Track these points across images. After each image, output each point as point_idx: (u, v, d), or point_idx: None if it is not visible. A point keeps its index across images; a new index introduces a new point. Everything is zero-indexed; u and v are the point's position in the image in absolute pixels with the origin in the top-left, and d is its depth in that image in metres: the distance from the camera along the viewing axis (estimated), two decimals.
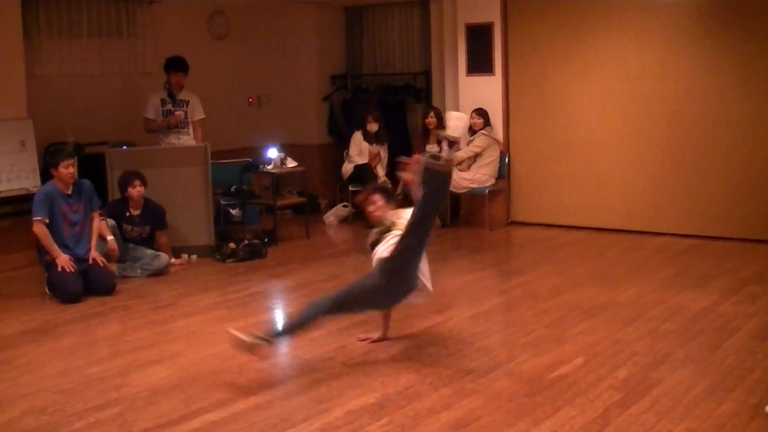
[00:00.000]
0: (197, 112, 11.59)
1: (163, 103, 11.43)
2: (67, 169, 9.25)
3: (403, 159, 7.65)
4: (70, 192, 9.34)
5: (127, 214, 10.19)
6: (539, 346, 7.12)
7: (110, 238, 9.76)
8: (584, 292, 8.83)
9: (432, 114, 12.71)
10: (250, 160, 12.32)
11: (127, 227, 10.18)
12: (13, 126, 10.63)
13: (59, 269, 9.04)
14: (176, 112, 11.39)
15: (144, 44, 12.71)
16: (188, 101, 11.52)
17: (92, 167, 10.86)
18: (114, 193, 10.46)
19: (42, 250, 9.27)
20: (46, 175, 10.68)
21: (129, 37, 12.58)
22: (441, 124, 12.66)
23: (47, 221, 9.13)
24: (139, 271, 10.03)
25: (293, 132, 14.41)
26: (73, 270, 9.07)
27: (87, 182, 9.61)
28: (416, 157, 12.30)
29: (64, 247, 9.21)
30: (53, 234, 9.19)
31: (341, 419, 5.69)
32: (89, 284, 9.20)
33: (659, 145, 11.39)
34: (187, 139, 11.48)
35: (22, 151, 10.65)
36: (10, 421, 5.88)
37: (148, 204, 10.28)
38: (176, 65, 11.42)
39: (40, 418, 5.91)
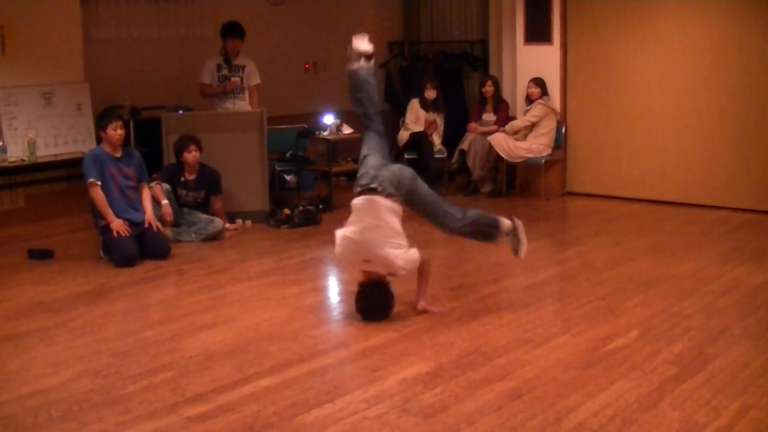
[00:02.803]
0: (253, 78, 11.59)
1: (219, 68, 11.44)
2: (116, 131, 9.30)
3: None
4: (119, 155, 9.38)
5: (183, 178, 10.22)
6: (594, 318, 7.07)
7: (165, 202, 9.81)
8: (640, 264, 8.75)
9: (489, 83, 12.65)
10: (306, 126, 12.32)
11: (182, 192, 10.21)
12: (70, 89, 10.67)
13: (114, 233, 9.09)
14: (232, 79, 11.41)
15: (201, 9, 12.71)
16: (244, 66, 11.52)
17: (148, 131, 10.93)
18: (169, 158, 10.49)
19: (97, 214, 9.32)
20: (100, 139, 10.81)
21: (186, 1, 12.59)
22: (498, 93, 12.61)
23: (100, 183, 9.18)
24: (193, 235, 10.07)
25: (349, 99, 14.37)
26: (127, 234, 9.12)
27: (137, 153, 9.70)
28: (472, 125, 12.40)
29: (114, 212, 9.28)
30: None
31: (395, 387, 5.68)
32: (144, 248, 9.25)
33: (718, 117, 11.23)
34: (242, 104, 11.50)
35: (79, 114, 10.69)
36: (66, 383, 5.93)
37: (203, 169, 10.30)
38: (232, 31, 11.41)
39: (94, 381, 5.95)
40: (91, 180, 9.17)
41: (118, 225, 9.11)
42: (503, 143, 12.10)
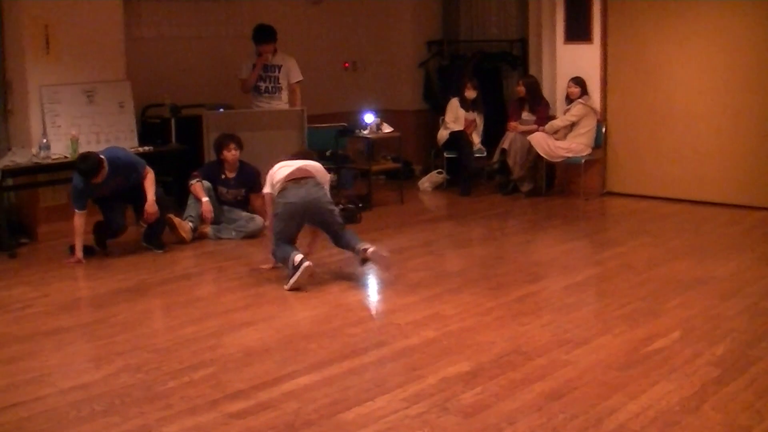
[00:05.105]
0: (294, 75, 11.55)
1: (254, 67, 11.41)
2: (98, 177, 9.08)
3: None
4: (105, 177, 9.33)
5: (223, 176, 10.25)
6: (635, 319, 7.03)
7: (205, 199, 9.85)
8: (681, 265, 8.69)
9: (521, 83, 12.64)
10: (346, 124, 12.32)
11: (223, 189, 10.24)
12: (112, 87, 10.72)
13: (69, 262, 9.18)
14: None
15: (241, 7, 12.72)
16: (281, 66, 11.49)
17: (189, 129, 10.97)
18: (210, 155, 10.52)
19: (135, 209, 9.47)
20: (144, 137, 10.85)
21: (227, 0, 12.62)
22: (538, 92, 12.57)
23: (85, 212, 9.23)
24: (233, 233, 10.10)
25: (389, 98, 14.37)
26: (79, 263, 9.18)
27: (121, 153, 9.53)
28: (512, 124, 12.37)
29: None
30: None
31: (434, 387, 5.68)
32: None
33: (759, 117, 11.12)
34: (278, 103, 11.49)
35: (121, 112, 10.74)
36: (107, 378, 5.97)
37: (243, 167, 10.32)
38: (261, 37, 11.32)
39: (135, 376, 5.99)
40: (77, 212, 9.17)
41: (76, 260, 9.17)
42: (543, 142, 12.06)
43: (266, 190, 8.53)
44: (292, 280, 7.99)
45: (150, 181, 9.47)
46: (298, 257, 8.02)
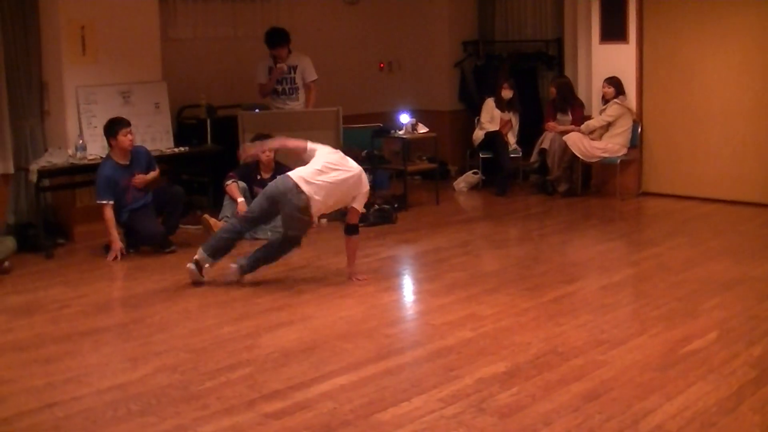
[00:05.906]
0: (309, 74, 11.49)
1: (270, 70, 11.40)
2: (126, 137, 9.35)
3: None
4: (128, 162, 9.49)
5: (258, 177, 10.27)
6: (671, 320, 7.00)
7: (241, 200, 9.87)
8: (718, 265, 8.64)
9: (553, 85, 12.64)
10: (381, 125, 12.31)
11: (258, 190, 10.21)
12: (148, 88, 10.76)
13: (110, 257, 9.32)
14: (277, 65, 11.33)
15: (277, 8, 12.75)
16: (296, 66, 11.48)
17: (224, 129, 11.00)
18: None
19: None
20: (180, 137, 10.87)
21: (262, 0, 12.64)
22: (572, 93, 12.53)
23: (112, 202, 9.32)
24: (270, 233, 10.06)
25: (424, 98, 14.36)
26: (119, 257, 9.32)
27: (143, 148, 9.80)
28: (550, 124, 12.32)
29: (127, 208, 9.53)
30: (118, 204, 9.40)
31: (471, 387, 5.68)
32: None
33: None
34: (295, 105, 11.47)
35: (157, 113, 10.79)
36: (144, 378, 6.00)
37: (278, 167, 10.32)
38: (275, 41, 11.32)
39: (171, 376, 6.02)
40: (104, 202, 9.30)
41: (116, 249, 9.29)
42: (579, 143, 12.01)
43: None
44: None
45: (155, 173, 9.78)
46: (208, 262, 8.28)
